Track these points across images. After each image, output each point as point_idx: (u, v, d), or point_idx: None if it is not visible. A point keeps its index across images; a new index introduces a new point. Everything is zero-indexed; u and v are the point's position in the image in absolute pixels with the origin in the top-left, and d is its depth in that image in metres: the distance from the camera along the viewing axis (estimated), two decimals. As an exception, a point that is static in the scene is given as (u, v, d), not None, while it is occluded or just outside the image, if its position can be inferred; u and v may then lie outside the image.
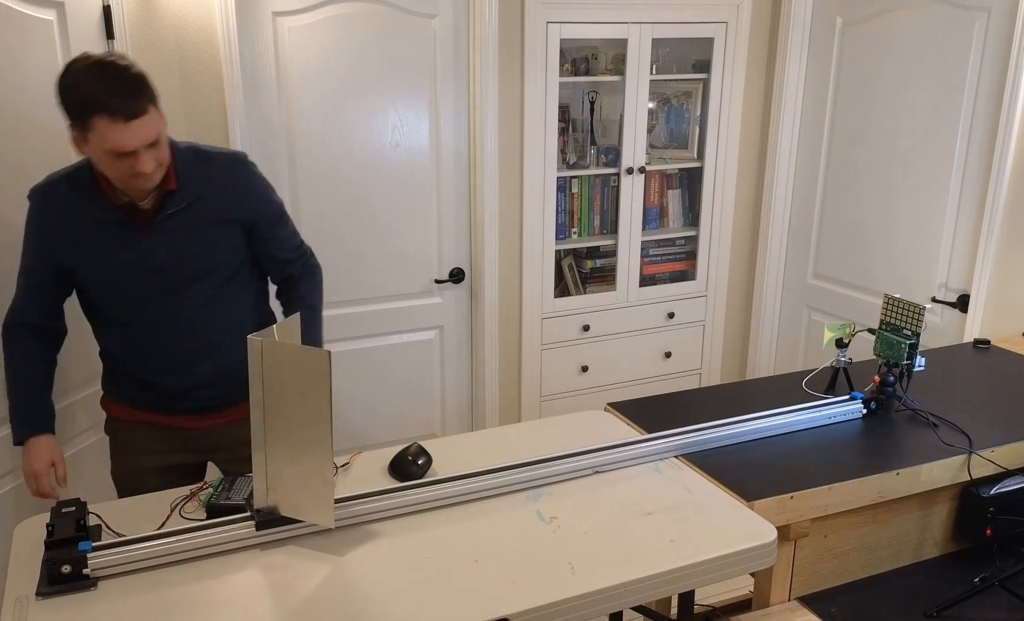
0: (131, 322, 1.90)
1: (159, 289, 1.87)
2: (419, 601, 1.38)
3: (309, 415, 1.46)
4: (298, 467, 1.50)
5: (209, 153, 1.92)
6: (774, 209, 3.74)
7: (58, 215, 1.83)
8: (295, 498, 1.53)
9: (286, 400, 1.48)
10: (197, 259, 1.88)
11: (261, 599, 1.38)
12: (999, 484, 1.89)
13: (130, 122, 1.66)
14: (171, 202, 1.84)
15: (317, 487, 1.50)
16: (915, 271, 3.17)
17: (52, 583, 1.40)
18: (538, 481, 1.72)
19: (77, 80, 1.66)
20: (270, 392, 1.49)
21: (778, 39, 3.59)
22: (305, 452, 1.49)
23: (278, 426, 1.50)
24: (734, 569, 1.52)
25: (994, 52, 2.81)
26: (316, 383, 1.44)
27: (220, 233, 1.90)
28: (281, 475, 1.53)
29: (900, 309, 2.06)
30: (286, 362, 1.46)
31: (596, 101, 3.66)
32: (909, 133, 3.13)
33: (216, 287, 1.93)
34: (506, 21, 3.19)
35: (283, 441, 1.51)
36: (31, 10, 2.20)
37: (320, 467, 1.48)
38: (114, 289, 1.87)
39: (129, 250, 1.83)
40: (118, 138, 1.66)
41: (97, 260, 1.84)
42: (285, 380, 1.47)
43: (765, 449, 1.87)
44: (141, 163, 1.70)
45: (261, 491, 1.55)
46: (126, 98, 1.65)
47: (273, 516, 1.54)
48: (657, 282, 3.83)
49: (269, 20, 2.89)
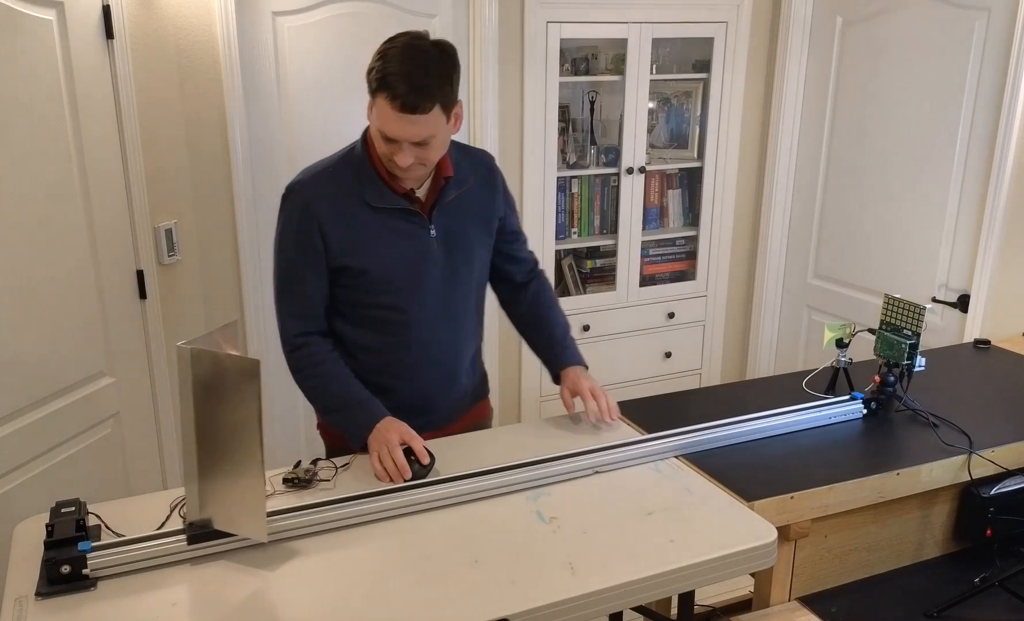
0: (407, 309, 1.83)
1: (435, 278, 1.84)
2: (419, 601, 1.38)
3: (238, 427, 1.38)
4: (230, 480, 1.43)
5: (466, 146, 1.94)
6: (774, 209, 3.73)
7: (332, 204, 1.75)
8: (229, 511, 1.46)
9: (218, 416, 1.40)
10: (467, 248, 1.87)
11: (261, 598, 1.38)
12: (999, 484, 1.89)
13: (405, 114, 1.62)
14: (447, 190, 1.83)
15: (250, 500, 1.43)
16: (915, 271, 3.17)
17: (52, 583, 1.40)
18: (538, 481, 1.71)
19: (388, 52, 1.64)
20: (201, 405, 1.41)
21: (778, 39, 3.59)
22: (236, 464, 1.41)
23: (209, 438, 1.42)
24: (734, 569, 1.52)
25: (994, 52, 2.81)
26: (245, 394, 1.36)
27: (481, 225, 1.90)
28: (214, 489, 1.45)
29: (900, 309, 2.05)
30: (215, 371, 1.38)
31: (596, 101, 3.66)
32: (909, 133, 3.13)
33: (478, 284, 1.94)
34: (506, 21, 3.19)
35: (214, 454, 1.42)
36: (31, 10, 2.20)
37: (252, 481, 1.41)
38: (395, 277, 1.80)
39: (410, 240, 1.80)
40: (388, 123, 1.64)
41: (378, 250, 1.78)
42: (215, 390, 1.39)
43: (765, 449, 1.86)
44: (401, 155, 1.68)
45: (194, 507, 1.48)
46: (413, 90, 1.61)
47: (207, 529, 1.49)
48: (657, 282, 3.83)
49: (269, 20, 2.89)
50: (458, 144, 1.90)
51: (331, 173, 1.79)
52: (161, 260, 2.76)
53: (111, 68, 2.49)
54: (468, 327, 1.95)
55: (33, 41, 2.21)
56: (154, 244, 2.71)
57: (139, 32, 2.62)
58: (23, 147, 2.19)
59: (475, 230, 1.89)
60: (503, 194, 1.97)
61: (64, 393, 2.39)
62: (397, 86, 1.61)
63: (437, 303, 1.86)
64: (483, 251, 1.94)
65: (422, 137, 1.66)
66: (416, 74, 1.62)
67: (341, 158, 1.81)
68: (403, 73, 1.61)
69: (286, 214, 1.79)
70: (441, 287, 1.86)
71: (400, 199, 1.78)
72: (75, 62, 2.35)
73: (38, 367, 2.28)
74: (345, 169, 1.79)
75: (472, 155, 1.93)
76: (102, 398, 2.53)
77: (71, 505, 1.52)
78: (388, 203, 1.77)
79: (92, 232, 2.45)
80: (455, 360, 1.94)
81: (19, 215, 2.19)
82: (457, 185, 1.85)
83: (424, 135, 1.66)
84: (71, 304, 2.37)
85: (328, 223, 1.75)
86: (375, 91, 1.65)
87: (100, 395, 2.52)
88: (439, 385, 1.93)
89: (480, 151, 1.98)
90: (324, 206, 1.75)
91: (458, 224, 1.85)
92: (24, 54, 2.18)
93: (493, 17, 3.15)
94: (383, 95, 1.63)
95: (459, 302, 1.90)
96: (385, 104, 1.63)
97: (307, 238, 1.76)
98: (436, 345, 1.89)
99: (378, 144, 1.71)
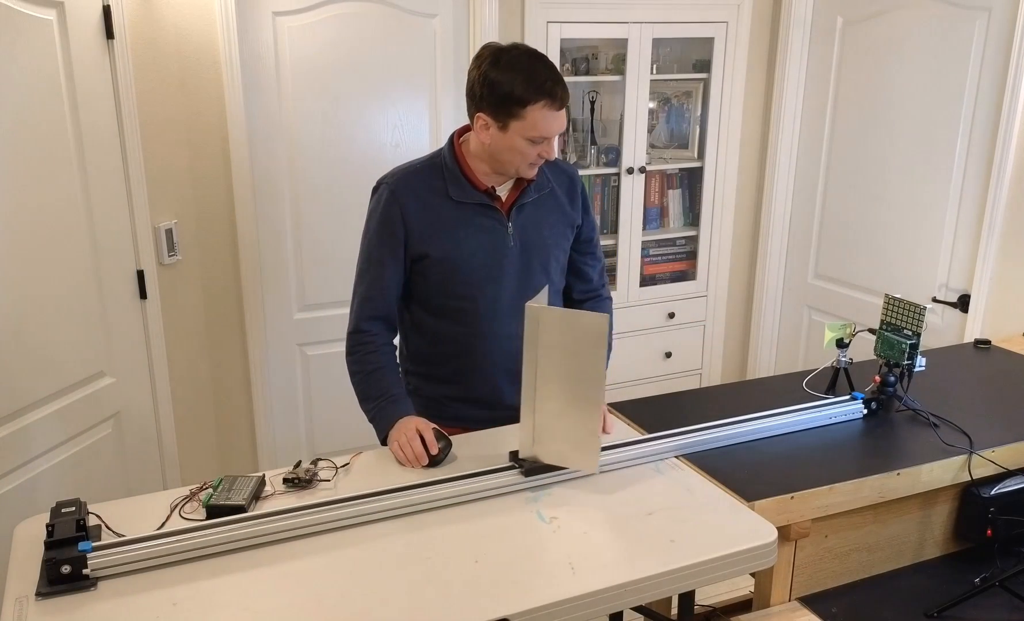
0: (481, 300, 1.92)
1: (510, 273, 1.93)
2: (419, 601, 1.38)
3: (583, 375, 1.62)
4: (565, 421, 1.66)
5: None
6: (774, 209, 3.73)
7: (416, 197, 1.88)
8: (559, 448, 1.70)
9: (558, 362, 1.64)
10: (542, 249, 1.96)
11: (261, 599, 1.38)
12: (1000, 484, 1.89)
13: (561, 111, 1.79)
14: (528, 192, 1.94)
15: (583, 438, 1.66)
16: (915, 271, 3.17)
17: (52, 583, 1.40)
18: (538, 481, 1.72)
19: (514, 69, 1.76)
20: (544, 354, 1.64)
21: (778, 39, 3.59)
22: (575, 408, 1.65)
23: (548, 384, 1.66)
24: (734, 569, 1.52)
25: (994, 52, 2.81)
26: (592, 347, 1.60)
27: (558, 229, 2.00)
28: (546, 428, 1.69)
29: (901, 309, 2.05)
30: (561, 327, 1.61)
31: (596, 101, 3.66)
32: (909, 133, 3.13)
33: (551, 283, 1.99)
34: (506, 21, 3.19)
35: (552, 397, 1.66)
36: (31, 10, 2.20)
37: (589, 421, 1.65)
38: (473, 268, 1.91)
39: (488, 234, 1.91)
40: (550, 123, 1.78)
41: (457, 241, 1.89)
42: (559, 344, 1.62)
43: (765, 449, 1.86)
44: (549, 148, 1.82)
45: (527, 442, 1.71)
46: (556, 90, 1.77)
47: (536, 464, 1.72)
48: (657, 282, 3.83)
49: (269, 20, 2.89)
50: None
51: (417, 170, 1.93)
52: (161, 260, 2.76)
53: (111, 68, 2.49)
54: None
55: (33, 41, 2.21)
56: (154, 244, 2.71)
57: (139, 32, 2.62)
58: (23, 147, 2.19)
59: (551, 233, 1.99)
60: (583, 204, 2.06)
61: (64, 393, 2.39)
62: (554, 90, 1.76)
63: (510, 297, 1.95)
64: (559, 254, 2.02)
65: (564, 127, 1.84)
66: (555, 74, 1.78)
67: (429, 159, 1.95)
68: (545, 79, 1.76)
69: (373, 204, 1.93)
70: (515, 282, 1.95)
71: (481, 195, 1.90)
72: (75, 62, 2.35)
73: (38, 367, 2.28)
74: (431, 168, 1.92)
75: (557, 165, 2.04)
76: (102, 398, 2.53)
77: (71, 505, 1.52)
78: (469, 198, 1.89)
79: (92, 232, 2.45)
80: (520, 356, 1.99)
81: (19, 215, 2.19)
82: (538, 188, 1.96)
83: (565, 125, 1.84)
84: (71, 304, 2.37)
85: (411, 213, 1.88)
86: (525, 105, 1.75)
87: (100, 395, 2.52)
88: (509, 379, 1.99)
89: (565, 163, 2.10)
90: (408, 197, 1.88)
91: (535, 224, 1.96)
92: (24, 54, 2.18)
93: (493, 17, 3.15)
94: (539, 105, 1.76)
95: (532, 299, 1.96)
96: (543, 111, 1.76)
97: (390, 226, 1.89)
98: (507, 339, 1.96)
99: (524, 152, 1.81)
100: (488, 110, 1.79)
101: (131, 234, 2.61)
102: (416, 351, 2.04)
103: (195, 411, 3.03)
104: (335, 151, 3.08)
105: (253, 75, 2.90)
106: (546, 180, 1.98)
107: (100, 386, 2.52)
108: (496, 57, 1.78)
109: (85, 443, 2.48)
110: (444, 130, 3.22)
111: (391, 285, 1.93)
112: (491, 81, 1.76)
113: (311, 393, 3.29)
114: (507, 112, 1.77)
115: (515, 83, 1.75)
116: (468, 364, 1.98)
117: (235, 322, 3.09)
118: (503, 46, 1.81)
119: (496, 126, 1.80)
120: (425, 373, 2.02)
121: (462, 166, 1.89)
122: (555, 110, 1.77)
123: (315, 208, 3.11)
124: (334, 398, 3.29)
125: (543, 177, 1.97)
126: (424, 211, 1.88)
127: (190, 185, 2.89)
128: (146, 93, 2.65)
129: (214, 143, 2.89)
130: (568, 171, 2.07)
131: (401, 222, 1.88)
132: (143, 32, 2.64)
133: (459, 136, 1.94)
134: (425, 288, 1.95)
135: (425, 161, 1.94)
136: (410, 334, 2.03)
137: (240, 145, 2.91)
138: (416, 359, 2.04)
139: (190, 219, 2.90)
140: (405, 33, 3.07)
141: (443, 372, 2.00)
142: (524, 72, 1.75)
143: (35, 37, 2.21)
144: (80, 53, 2.37)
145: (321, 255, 3.17)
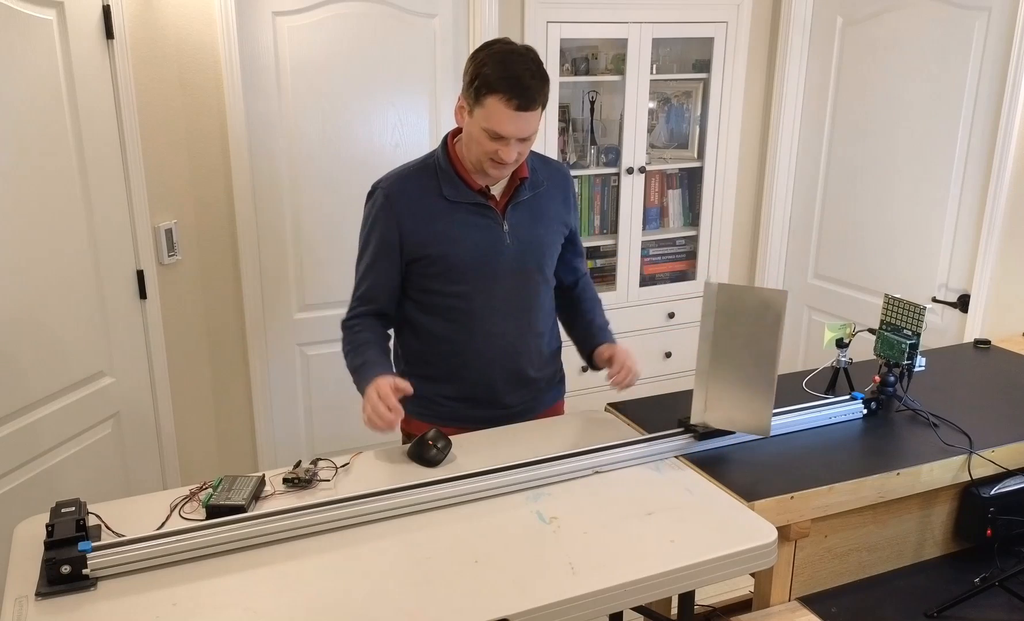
0: (476, 298, 1.94)
1: (505, 271, 1.94)
2: (419, 601, 1.38)
3: (758, 347, 1.73)
4: (739, 391, 1.77)
5: (544, 156, 2.08)
6: (774, 209, 3.73)
7: (410, 200, 1.90)
8: (730, 414, 1.80)
9: (734, 334, 1.74)
10: (537, 247, 1.98)
11: (262, 599, 1.38)
12: (999, 484, 1.89)
13: (520, 112, 1.76)
14: (522, 190, 1.95)
15: (757, 405, 1.77)
16: (915, 271, 3.17)
17: (52, 583, 1.40)
18: (538, 481, 1.71)
19: (492, 57, 1.77)
20: (721, 326, 1.75)
21: (778, 39, 3.59)
22: (749, 379, 1.75)
23: (724, 355, 1.76)
24: (734, 569, 1.52)
25: (994, 52, 2.81)
26: (770, 322, 1.70)
27: (553, 227, 2.02)
28: (719, 396, 1.79)
29: (900, 309, 2.05)
30: (739, 303, 1.72)
31: (596, 101, 3.66)
32: (909, 133, 3.13)
33: (547, 283, 2.04)
34: (506, 21, 3.19)
35: (727, 367, 1.77)
36: (31, 10, 2.20)
37: (764, 390, 1.76)
38: (468, 266, 1.92)
39: (483, 233, 1.92)
40: (504, 121, 1.76)
41: (452, 240, 1.90)
42: (735, 320, 1.72)
43: (765, 449, 1.86)
44: (507, 151, 1.80)
45: (699, 410, 1.83)
46: (524, 91, 1.75)
47: (708, 430, 1.83)
48: (657, 282, 3.83)
49: (269, 20, 2.89)
50: (535, 151, 2.03)
51: (411, 172, 1.95)
52: (161, 260, 2.76)
53: (111, 68, 2.49)
54: (536, 324, 2.04)
55: (33, 41, 2.21)
56: (154, 244, 2.71)
57: (139, 32, 2.62)
58: (23, 147, 2.19)
59: (546, 231, 2.00)
60: (576, 203, 2.11)
61: (64, 393, 2.39)
62: (512, 88, 1.74)
63: (505, 296, 1.96)
64: (553, 251, 2.04)
65: (528, 134, 1.81)
66: (525, 76, 1.76)
67: (422, 161, 1.96)
68: (515, 76, 1.74)
69: (368, 208, 1.96)
70: (510, 281, 1.96)
71: (475, 194, 1.91)
72: (75, 62, 2.35)
73: (38, 367, 2.28)
74: (424, 169, 1.94)
75: (550, 163, 2.06)
76: (102, 398, 2.53)
77: (71, 505, 1.52)
78: (463, 198, 1.91)
79: (92, 232, 2.45)
80: (521, 354, 2.02)
81: (19, 215, 2.19)
82: (532, 187, 1.97)
83: (530, 132, 1.81)
84: (71, 304, 2.37)
85: (405, 216, 1.90)
86: (486, 94, 1.76)
87: (100, 395, 2.52)
88: (504, 377, 2.01)
89: (557, 162, 2.12)
90: (403, 200, 1.90)
91: (530, 223, 1.97)
92: (24, 54, 2.18)
93: (493, 17, 3.15)
94: (498, 96, 1.75)
95: (527, 298, 2.00)
96: (499, 105, 1.75)
97: (384, 230, 1.92)
98: (502, 337, 1.98)
99: (482, 143, 1.81)
100: (464, 91, 1.82)
101: (131, 234, 2.61)
102: (412, 351, 2.04)
103: (195, 411, 3.03)
104: (335, 151, 3.08)
105: (253, 75, 2.90)
106: (541, 179, 1.99)
107: (100, 386, 2.52)
108: (491, 44, 1.81)
109: (85, 443, 2.48)
110: (444, 130, 3.21)
111: (383, 285, 1.96)
112: (474, 62, 1.79)
113: (311, 393, 3.29)
114: (474, 97, 1.78)
115: (487, 68, 1.76)
116: (464, 362, 1.99)
117: (235, 322, 3.09)
118: (509, 40, 1.83)
119: (467, 110, 1.82)
120: (421, 373, 2.02)
121: (455, 166, 1.91)
122: (513, 109, 1.75)
123: (315, 208, 3.11)
124: (334, 398, 3.29)
125: (537, 176, 1.98)
126: (419, 213, 1.89)
127: (190, 185, 2.89)
128: (146, 93, 2.65)
129: (214, 143, 2.89)
130: (562, 170, 2.08)
131: (396, 226, 1.90)
132: (143, 32, 2.64)
133: (453, 137, 1.95)
134: (421, 288, 1.96)
135: (418, 163, 1.96)
136: (406, 334, 2.04)
137: (240, 145, 2.90)
138: (412, 359, 2.04)
139: (190, 219, 2.90)
140: (405, 33, 3.07)
141: (439, 371, 2.01)
142: (500, 63, 1.76)
143: (35, 37, 2.21)
144: (80, 53, 2.37)
145: (321, 255, 3.17)
